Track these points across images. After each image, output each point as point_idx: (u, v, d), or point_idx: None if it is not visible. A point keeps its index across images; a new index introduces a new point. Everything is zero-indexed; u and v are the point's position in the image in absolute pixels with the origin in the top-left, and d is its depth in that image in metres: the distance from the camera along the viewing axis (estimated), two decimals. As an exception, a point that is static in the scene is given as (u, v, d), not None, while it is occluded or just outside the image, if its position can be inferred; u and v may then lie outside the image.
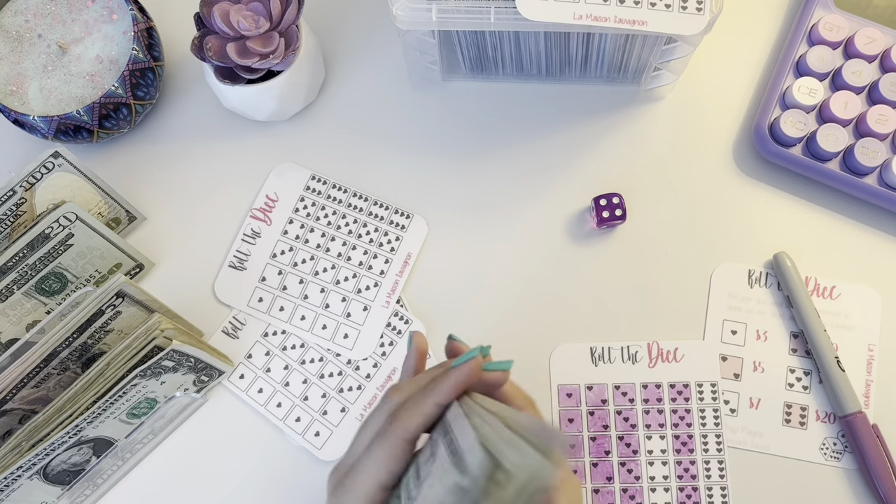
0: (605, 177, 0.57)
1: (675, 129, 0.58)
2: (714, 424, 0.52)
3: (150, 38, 0.55)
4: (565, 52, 0.55)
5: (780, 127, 0.54)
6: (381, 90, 0.60)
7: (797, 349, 0.54)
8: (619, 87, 0.59)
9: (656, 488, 0.52)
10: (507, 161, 0.58)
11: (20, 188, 0.50)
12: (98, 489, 0.52)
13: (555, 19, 0.45)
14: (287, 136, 0.59)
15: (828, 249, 0.55)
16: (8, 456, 0.46)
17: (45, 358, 0.46)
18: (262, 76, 0.54)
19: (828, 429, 0.52)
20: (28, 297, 0.50)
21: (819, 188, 0.57)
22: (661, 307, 0.55)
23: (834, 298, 0.54)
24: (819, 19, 0.57)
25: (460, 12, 0.47)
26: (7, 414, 0.47)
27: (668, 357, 0.54)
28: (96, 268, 0.53)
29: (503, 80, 0.60)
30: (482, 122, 0.59)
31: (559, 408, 0.53)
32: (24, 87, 0.54)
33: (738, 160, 0.58)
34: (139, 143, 0.60)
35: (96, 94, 0.54)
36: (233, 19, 0.51)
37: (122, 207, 0.55)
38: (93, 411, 0.45)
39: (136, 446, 0.52)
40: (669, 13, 0.45)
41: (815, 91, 0.55)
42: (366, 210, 0.57)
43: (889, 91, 0.54)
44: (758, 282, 0.55)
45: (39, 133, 0.54)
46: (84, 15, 0.55)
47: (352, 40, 0.61)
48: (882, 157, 0.54)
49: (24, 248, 0.48)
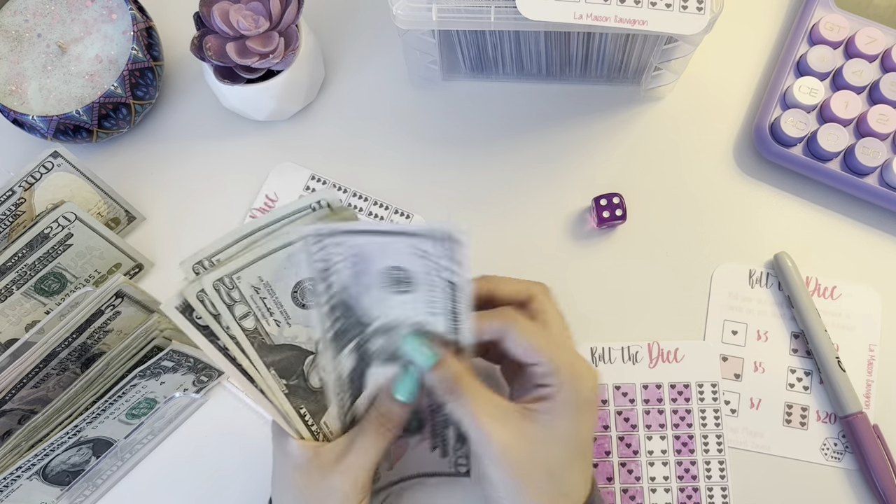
0: (605, 177, 0.57)
1: (676, 128, 0.58)
2: (714, 425, 0.52)
3: (149, 37, 0.55)
4: (565, 52, 0.55)
5: (780, 127, 0.54)
6: (381, 90, 0.60)
7: (798, 349, 0.54)
8: (620, 87, 0.59)
9: (657, 489, 0.51)
10: (507, 161, 0.58)
11: (19, 188, 0.50)
12: (97, 490, 0.52)
13: (555, 19, 0.45)
14: (287, 135, 0.59)
15: (828, 249, 0.55)
16: (7, 456, 0.46)
17: (44, 358, 0.46)
18: (262, 76, 0.54)
19: (828, 429, 0.52)
20: (27, 297, 0.50)
21: (820, 188, 0.56)
22: (661, 307, 0.55)
23: (835, 298, 0.54)
24: (820, 19, 0.56)
25: (460, 12, 0.47)
26: (6, 414, 0.47)
27: (669, 357, 0.54)
28: (95, 268, 0.52)
29: (503, 80, 0.60)
30: (482, 121, 0.59)
31: (559, 408, 0.53)
32: (23, 87, 0.54)
33: (739, 160, 0.58)
34: (138, 142, 0.59)
35: (96, 94, 0.54)
36: (232, 19, 0.51)
37: (121, 207, 0.55)
38: (92, 412, 0.45)
39: (135, 447, 0.52)
40: (670, 13, 0.45)
41: (815, 91, 0.55)
42: (366, 210, 0.57)
43: (890, 91, 0.54)
44: (758, 282, 0.55)
45: (39, 133, 0.54)
46: (83, 14, 0.55)
47: (352, 40, 0.61)
48: (883, 156, 0.53)
49: (24, 248, 0.48)
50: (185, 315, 0.35)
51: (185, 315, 0.35)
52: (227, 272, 0.35)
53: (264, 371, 0.38)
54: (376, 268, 0.36)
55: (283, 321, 0.38)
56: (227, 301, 0.36)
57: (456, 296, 0.37)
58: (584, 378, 0.39)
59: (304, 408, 0.40)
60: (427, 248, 0.35)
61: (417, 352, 0.38)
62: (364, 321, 0.39)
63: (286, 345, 0.38)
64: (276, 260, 0.36)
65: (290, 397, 0.39)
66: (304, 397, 0.40)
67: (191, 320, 0.35)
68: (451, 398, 0.38)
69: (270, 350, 0.38)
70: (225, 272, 0.35)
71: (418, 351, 0.38)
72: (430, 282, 0.37)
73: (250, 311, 0.36)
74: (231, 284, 0.36)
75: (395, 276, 0.37)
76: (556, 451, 0.38)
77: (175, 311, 0.35)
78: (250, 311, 0.37)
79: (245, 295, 0.36)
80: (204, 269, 0.36)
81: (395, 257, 0.36)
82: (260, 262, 0.36)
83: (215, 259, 0.36)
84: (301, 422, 0.40)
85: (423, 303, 0.38)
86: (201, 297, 0.35)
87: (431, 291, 0.37)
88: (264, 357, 0.37)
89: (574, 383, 0.38)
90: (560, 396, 0.38)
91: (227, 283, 0.35)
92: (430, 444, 0.45)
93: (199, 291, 0.35)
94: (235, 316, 0.36)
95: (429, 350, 0.38)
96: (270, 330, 0.38)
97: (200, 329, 0.36)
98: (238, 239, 0.36)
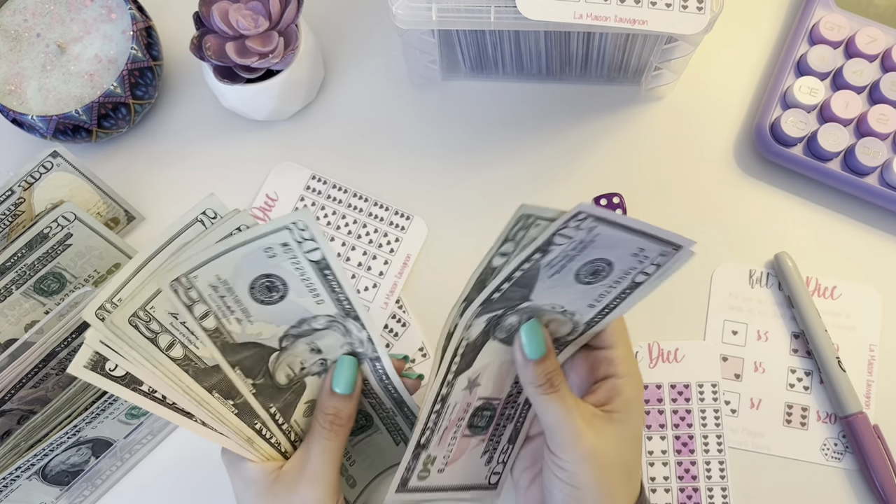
0: (605, 176, 0.57)
1: (676, 128, 0.58)
2: (715, 425, 0.52)
3: (148, 37, 0.55)
4: (565, 52, 0.55)
5: (780, 126, 0.54)
6: (381, 90, 0.60)
7: (798, 349, 0.54)
8: (620, 87, 0.59)
9: (657, 489, 0.51)
10: (508, 161, 0.58)
11: (18, 188, 0.50)
12: (97, 490, 0.52)
13: (555, 18, 0.45)
14: (286, 135, 0.59)
15: (829, 249, 0.55)
16: (6, 456, 0.46)
17: (43, 358, 0.46)
18: (262, 75, 0.54)
19: (829, 429, 0.52)
20: (27, 297, 0.50)
21: (820, 188, 0.56)
22: (661, 307, 0.55)
23: (835, 298, 0.54)
24: (820, 19, 0.56)
25: (460, 11, 0.47)
26: (5, 414, 0.47)
27: (669, 357, 0.54)
28: (95, 268, 0.52)
29: (503, 80, 0.59)
30: (482, 121, 0.59)
31: (559, 408, 0.53)
32: (22, 87, 0.54)
33: (739, 160, 0.58)
34: (138, 142, 0.59)
35: (95, 94, 0.54)
36: (232, 18, 0.51)
37: (120, 207, 0.55)
38: (91, 411, 0.45)
39: (134, 447, 0.52)
40: (670, 12, 0.45)
41: (815, 91, 0.55)
42: (366, 211, 0.57)
43: (890, 91, 0.54)
44: (759, 282, 0.55)
45: (38, 132, 0.54)
46: (83, 14, 0.55)
47: (351, 39, 0.61)
48: (883, 156, 0.53)
49: (23, 248, 0.48)
50: (97, 371, 0.33)
51: (97, 371, 0.33)
52: (139, 305, 0.34)
53: (205, 395, 0.37)
54: (591, 256, 0.36)
55: (245, 318, 0.37)
56: (147, 335, 0.34)
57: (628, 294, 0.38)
58: (638, 375, 0.40)
59: (273, 406, 0.39)
60: (646, 247, 0.35)
61: (535, 339, 0.39)
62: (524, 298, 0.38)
63: (249, 342, 0.38)
64: (233, 258, 0.35)
65: (257, 397, 0.39)
66: (271, 396, 0.39)
67: (105, 374, 0.34)
68: (550, 391, 0.38)
69: (234, 349, 0.37)
70: (136, 307, 0.34)
71: (536, 338, 0.39)
72: (621, 279, 0.37)
73: (210, 310, 0.36)
74: (147, 317, 0.34)
75: (598, 267, 0.37)
76: (630, 451, 0.39)
77: (85, 370, 0.33)
78: (175, 339, 0.35)
79: (164, 324, 0.35)
80: (107, 312, 0.34)
81: (618, 251, 0.36)
82: (217, 261, 0.35)
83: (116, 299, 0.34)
84: (260, 438, 0.39)
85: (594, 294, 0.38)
86: (133, 321, 0.34)
87: (613, 287, 0.38)
88: (202, 382, 0.36)
89: (635, 374, 0.40)
90: (628, 391, 0.39)
91: (143, 316, 0.34)
92: (483, 448, 0.44)
93: (130, 316, 0.34)
94: (195, 315, 0.35)
95: (542, 340, 0.39)
96: (232, 328, 0.37)
97: (118, 381, 0.34)
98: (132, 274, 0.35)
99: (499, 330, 0.39)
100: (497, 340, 0.40)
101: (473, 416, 0.42)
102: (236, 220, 0.37)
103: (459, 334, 0.38)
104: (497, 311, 0.38)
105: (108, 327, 0.33)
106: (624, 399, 0.39)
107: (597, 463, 0.37)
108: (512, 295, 0.37)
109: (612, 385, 0.39)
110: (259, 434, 0.39)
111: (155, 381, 0.35)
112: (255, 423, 0.39)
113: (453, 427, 0.42)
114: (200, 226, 0.36)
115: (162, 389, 0.35)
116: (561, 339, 0.41)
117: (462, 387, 0.40)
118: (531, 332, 0.39)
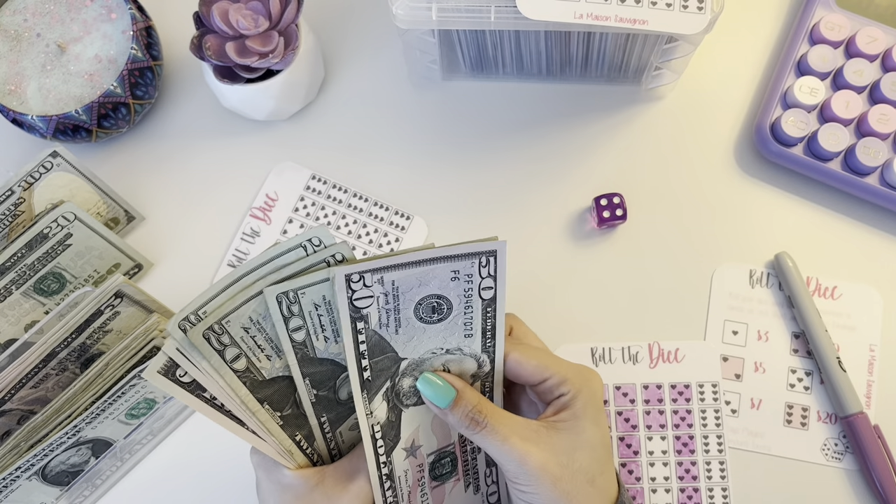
0: (605, 176, 0.57)
1: (676, 128, 0.58)
2: (715, 425, 0.52)
3: (148, 37, 0.55)
4: (566, 52, 0.55)
5: (781, 126, 0.54)
6: (381, 89, 0.60)
7: (798, 349, 0.54)
8: (620, 87, 0.59)
9: (657, 489, 0.51)
10: (508, 161, 0.58)
11: (18, 188, 0.50)
12: (97, 490, 0.52)
13: (555, 18, 0.45)
14: (286, 135, 0.59)
15: (829, 249, 0.55)
16: (6, 456, 0.46)
17: (43, 358, 0.46)
18: (262, 75, 0.54)
19: (829, 429, 0.52)
20: (26, 298, 0.50)
21: (820, 188, 0.56)
22: (661, 307, 0.55)
23: (835, 299, 0.54)
24: (820, 18, 0.56)
25: (460, 11, 0.47)
26: (5, 414, 0.47)
27: (669, 357, 0.54)
28: (95, 268, 0.52)
29: (503, 80, 0.59)
30: (482, 121, 0.59)
31: (559, 408, 0.53)
32: (22, 87, 0.54)
33: (739, 160, 0.58)
34: (138, 142, 0.59)
35: (95, 94, 0.54)
36: (232, 18, 0.51)
37: (120, 207, 0.55)
38: (91, 412, 0.45)
39: (134, 447, 0.52)
40: (670, 12, 0.45)
41: (816, 90, 0.55)
42: (366, 210, 0.57)
43: (890, 90, 0.54)
44: (759, 282, 0.55)
45: (38, 132, 0.54)
46: (83, 14, 0.55)
47: (351, 39, 0.61)
48: (883, 156, 0.53)
49: (23, 248, 0.48)
50: (168, 376, 0.34)
51: (168, 376, 0.34)
52: (216, 319, 0.35)
53: (256, 406, 0.37)
54: (414, 299, 0.36)
55: (275, 354, 0.37)
56: (217, 347, 0.35)
57: (489, 311, 0.37)
58: (593, 379, 0.40)
59: (298, 435, 0.39)
60: (460, 268, 0.35)
61: (433, 390, 0.38)
62: (395, 361, 0.38)
63: (279, 377, 0.37)
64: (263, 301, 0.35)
65: (284, 428, 0.39)
66: (298, 425, 0.39)
67: (174, 380, 0.34)
68: (477, 429, 0.38)
69: (262, 385, 0.37)
70: (213, 320, 0.34)
71: (434, 389, 0.38)
72: (466, 302, 0.37)
73: (241, 353, 0.36)
74: (220, 330, 0.35)
75: (432, 304, 0.36)
76: (589, 457, 0.38)
77: (157, 375, 0.34)
78: (241, 352, 0.36)
79: (235, 337, 0.35)
80: (191, 324, 0.34)
81: (433, 285, 0.35)
82: (249, 304, 0.35)
83: (201, 312, 0.35)
84: (298, 449, 0.40)
85: (459, 326, 0.37)
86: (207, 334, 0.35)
87: (466, 312, 0.37)
88: (256, 393, 0.37)
89: (587, 385, 0.39)
90: (578, 402, 0.38)
91: (217, 329, 0.35)
92: (464, 484, 0.44)
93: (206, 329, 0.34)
94: (227, 360, 0.36)
95: (444, 386, 0.38)
96: (262, 365, 0.37)
97: (185, 387, 0.35)
98: (223, 289, 0.35)
99: (404, 397, 0.39)
100: (411, 406, 0.39)
101: (432, 469, 0.42)
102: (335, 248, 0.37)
103: (366, 423, 0.38)
104: (383, 385, 0.38)
105: (189, 337, 0.34)
106: (572, 411, 0.38)
107: (549, 476, 0.37)
108: (380, 365, 0.37)
109: (560, 403, 0.39)
110: (297, 445, 0.40)
111: (217, 390, 0.36)
112: (296, 434, 0.39)
113: (416, 488, 0.42)
114: (302, 251, 0.36)
115: (221, 398, 0.36)
116: (477, 376, 0.40)
117: (402, 458, 0.40)
118: (427, 386, 0.38)
